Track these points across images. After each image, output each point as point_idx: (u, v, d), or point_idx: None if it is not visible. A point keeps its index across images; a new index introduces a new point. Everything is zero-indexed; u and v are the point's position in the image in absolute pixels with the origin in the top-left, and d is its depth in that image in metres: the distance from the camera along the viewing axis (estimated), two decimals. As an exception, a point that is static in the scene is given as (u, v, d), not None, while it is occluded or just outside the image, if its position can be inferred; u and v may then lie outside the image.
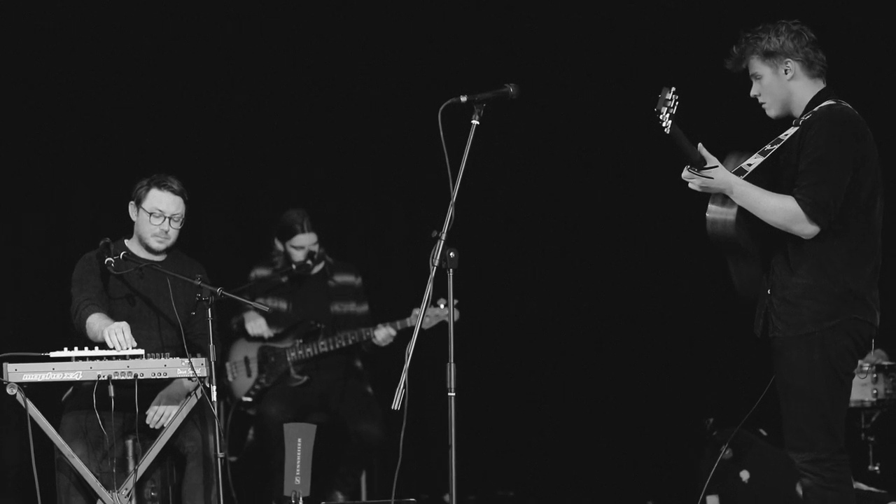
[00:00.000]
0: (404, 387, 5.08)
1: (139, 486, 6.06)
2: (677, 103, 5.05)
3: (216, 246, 8.54)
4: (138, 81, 8.78)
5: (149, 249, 6.36)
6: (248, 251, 8.61)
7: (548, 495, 9.32)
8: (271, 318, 8.04)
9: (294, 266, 8.03)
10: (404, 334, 7.96)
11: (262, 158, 9.22)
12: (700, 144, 5.30)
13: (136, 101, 8.75)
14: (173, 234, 6.35)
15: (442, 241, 5.15)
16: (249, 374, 7.93)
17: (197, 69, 8.98)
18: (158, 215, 6.31)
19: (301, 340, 8.05)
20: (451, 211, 5.17)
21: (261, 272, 8.14)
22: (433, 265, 5.13)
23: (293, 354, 8.03)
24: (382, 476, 8.35)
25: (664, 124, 5.06)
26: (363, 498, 7.92)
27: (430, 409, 9.20)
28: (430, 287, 5.13)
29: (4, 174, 8.44)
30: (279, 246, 8.13)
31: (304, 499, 6.60)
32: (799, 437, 5.42)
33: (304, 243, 8.02)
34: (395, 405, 5.09)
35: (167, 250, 6.41)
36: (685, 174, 5.34)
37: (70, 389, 6.31)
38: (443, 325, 7.70)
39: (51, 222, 8.65)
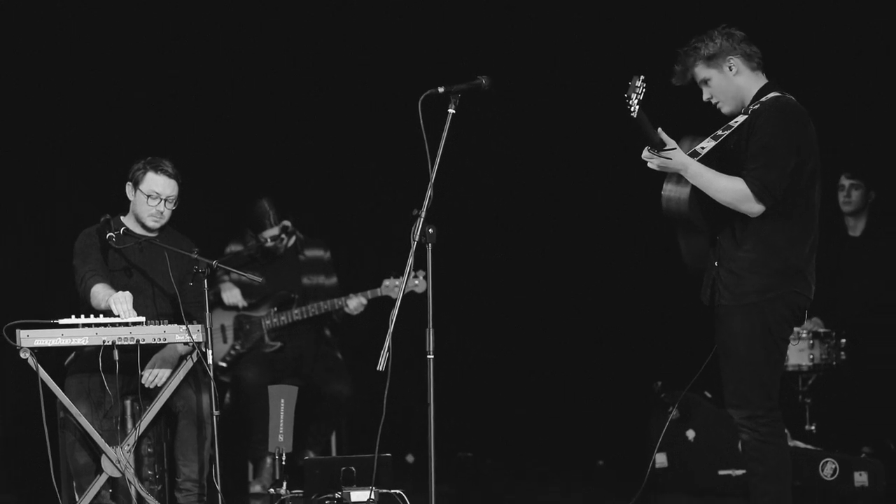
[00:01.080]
0: (388, 350, 5.28)
1: (137, 442, 6.21)
2: (645, 90, 5.23)
3: (190, 221, 8.77)
4: (123, 70, 8.86)
5: (144, 227, 6.52)
6: (222, 227, 8.67)
7: (504, 456, 9.41)
8: (246, 289, 8.14)
9: (268, 240, 8.17)
10: (374, 303, 8.12)
11: (239, 139, 9.23)
12: (660, 129, 5.46)
13: (123, 88, 8.84)
14: (167, 214, 6.51)
15: (421, 219, 5.31)
16: (225, 341, 8.08)
17: (180, 59, 9.02)
18: (155, 197, 6.46)
19: (276, 309, 8.19)
20: (429, 191, 5.32)
21: (235, 247, 8.27)
22: (414, 240, 5.31)
23: (268, 322, 8.17)
24: (350, 435, 8.44)
25: (632, 109, 5.23)
26: (333, 455, 8.05)
27: (392, 373, 9.50)
28: (411, 260, 5.32)
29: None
30: (251, 232, 8.29)
31: (286, 454, 6.64)
32: (737, 395, 5.62)
33: (274, 234, 8.19)
34: (381, 366, 5.28)
35: (160, 227, 6.58)
36: (645, 154, 5.51)
37: (72, 354, 6.45)
38: (410, 295, 7.82)
39: (51, 205, 8.83)
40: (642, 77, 5.24)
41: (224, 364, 8.07)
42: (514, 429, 9.66)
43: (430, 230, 5.32)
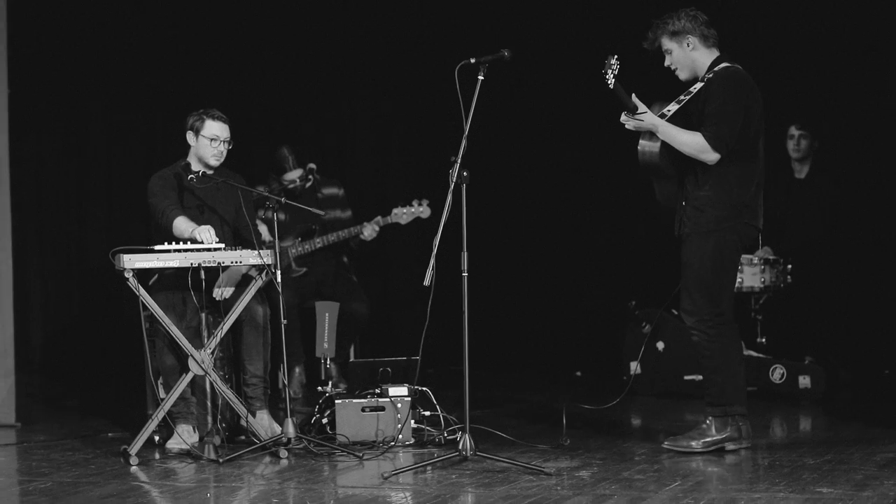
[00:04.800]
0: (433, 268, 5.90)
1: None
2: (619, 66, 6.06)
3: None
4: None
5: (208, 166, 7.15)
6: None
7: (493, 368, 9.99)
8: (270, 225, 8.63)
9: (296, 181, 8.82)
10: (386, 230, 8.76)
11: (271, 87, 9.87)
12: (634, 95, 6.29)
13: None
14: (225, 152, 7.20)
15: (458, 164, 5.97)
16: None
17: (201, 15, 9.76)
18: (216, 139, 7.11)
19: (300, 239, 8.85)
20: (464, 141, 6.00)
21: (260, 188, 8.69)
22: (452, 181, 5.95)
23: (294, 251, 8.83)
24: (365, 346, 9.11)
25: (609, 81, 6.08)
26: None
27: (399, 295, 10.13)
28: (449, 197, 5.97)
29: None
30: (273, 175, 8.90)
31: (330, 359, 7.32)
32: (689, 302, 6.47)
33: (293, 178, 8.82)
34: (427, 281, 5.92)
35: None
36: (623, 118, 6.34)
37: (155, 276, 7.10)
38: (416, 221, 8.58)
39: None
40: (616, 56, 6.08)
41: None
42: (501, 343, 10.29)
43: (465, 173, 6.00)
